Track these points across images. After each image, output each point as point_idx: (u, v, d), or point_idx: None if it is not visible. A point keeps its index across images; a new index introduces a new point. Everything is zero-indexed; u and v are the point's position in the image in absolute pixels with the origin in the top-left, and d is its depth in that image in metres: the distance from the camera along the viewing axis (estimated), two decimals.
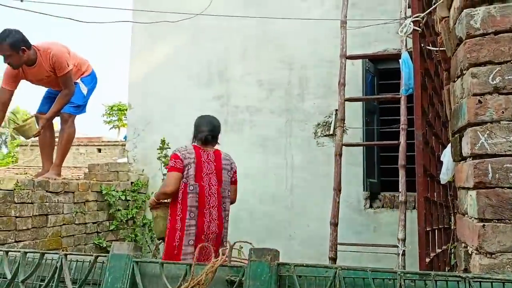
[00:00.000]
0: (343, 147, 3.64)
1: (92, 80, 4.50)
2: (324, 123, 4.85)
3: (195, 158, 3.19)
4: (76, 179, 4.56)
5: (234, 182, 3.39)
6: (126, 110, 6.18)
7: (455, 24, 1.77)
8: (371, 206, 4.64)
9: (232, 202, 3.39)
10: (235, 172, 3.41)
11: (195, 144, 3.32)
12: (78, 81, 4.39)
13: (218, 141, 3.42)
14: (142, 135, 5.54)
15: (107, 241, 4.67)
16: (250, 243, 1.74)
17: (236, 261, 1.73)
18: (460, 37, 1.68)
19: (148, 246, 5.10)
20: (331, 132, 4.75)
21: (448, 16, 1.95)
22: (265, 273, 1.53)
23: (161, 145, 4.58)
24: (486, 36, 1.60)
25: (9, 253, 1.88)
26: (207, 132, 3.32)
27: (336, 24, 3.92)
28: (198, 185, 3.13)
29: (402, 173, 3.35)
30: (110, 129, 26.97)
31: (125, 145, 6.18)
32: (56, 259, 1.78)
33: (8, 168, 14.66)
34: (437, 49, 2.52)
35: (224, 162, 3.32)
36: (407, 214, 3.35)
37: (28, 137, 4.29)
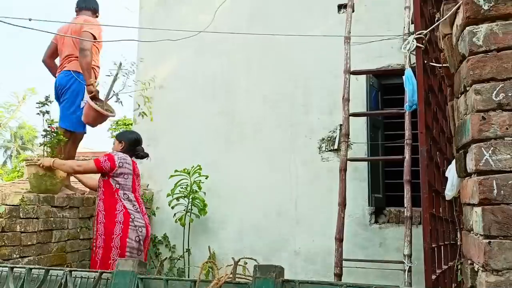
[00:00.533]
0: (348, 162, 3.65)
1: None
2: (329, 138, 4.86)
3: (132, 170, 3.88)
4: (81, 194, 4.56)
5: None
6: (131, 124, 6.22)
7: (458, 41, 1.78)
8: (376, 222, 4.61)
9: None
10: None
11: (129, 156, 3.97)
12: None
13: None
14: (147, 150, 5.54)
15: None
16: (255, 260, 1.73)
17: (241, 278, 1.72)
18: (463, 54, 1.70)
19: (152, 262, 5.08)
20: (335, 147, 4.76)
21: (451, 33, 1.97)
22: None
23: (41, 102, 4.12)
24: (489, 53, 1.61)
25: (14, 269, 1.89)
26: (142, 148, 4.17)
27: (340, 39, 3.95)
28: (134, 196, 3.87)
29: (407, 188, 3.35)
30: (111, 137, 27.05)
31: None
32: (61, 275, 1.79)
33: (13, 183, 14.71)
34: (441, 65, 2.54)
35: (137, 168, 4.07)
36: (413, 229, 3.34)
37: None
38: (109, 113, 4.28)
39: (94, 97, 4.19)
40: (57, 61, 4.55)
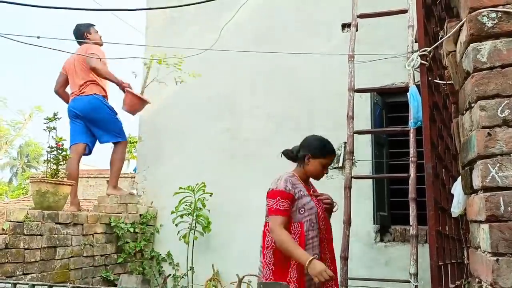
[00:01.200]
0: (353, 179, 3.64)
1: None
2: None
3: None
4: (86, 211, 4.57)
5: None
6: (136, 142, 6.25)
7: (462, 58, 1.79)
8: (381, 240, 4.57)
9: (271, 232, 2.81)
10: (267, 194, 2.83)
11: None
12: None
13: (301, 163, 2.95)
14: (151, 168, 5.57)
15: (114, 274, 4.62)
16: (259, 277, 1.71)
17: None
18: (468, 71, 1.70)
19: (156, 279, 5.04)
20: (340, 165, 4.75)
21: (455, 50, 1.98)
22: None
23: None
24: (493, 70, 1.62)
25: (17, 285, 1.88)
26: (291, 149, 3.06)
27: (344, 58, 3.98)
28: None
29: (412, 206, 3.32)
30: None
31: (134, 177, 6.21)
32: None
33: (18, 200, 14.72)
34: (445, 82, 2.55)
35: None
36: (419, 248, 3.30)
37: None
38: (147, 100, 5.08)
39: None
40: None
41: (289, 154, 2.96)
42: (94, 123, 4.94)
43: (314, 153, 2.81)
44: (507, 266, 1.49)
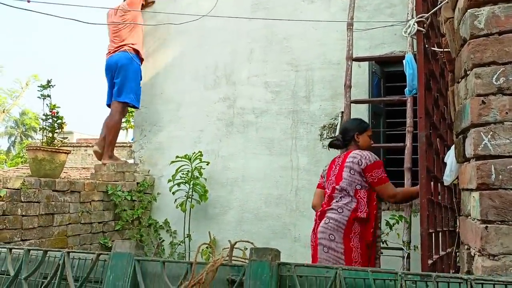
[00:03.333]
0: None
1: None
2: (330, 125, 4.84)
3: (327, 169, 3.16)
4: (83, 179, 4.59)
5: (372, 184, 2.86)
6: (134, 112, 6.22)
7: (459, 24, 1.76)
8: None
9: (388, 198, 2.95)
10: (366, 171, 2.86)
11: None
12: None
13: (353, 142, 3.11)
14: (148, 136, 5.57)
15: (112, 241, 4.69)
16: (252, 243, 1.73)
17: (238, 260, 1.72)
18: (464, 38, 1.68)
19: (153, 246, 5.11)
20: (337, 134, 4.74)
21: (453, 17, 1.94)
22: (266, 272, 1.52)
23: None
24: (490, 37, 1.59)
25: (13, 250, 1.90)
26: (334, 137, 3.34)
27: (343, 26, 3.91)
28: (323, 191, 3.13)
29: (407, 176, 3.33)
30: (122, 129, 27.16)
31: (132, 146, 6.21)
32: (59, 256, 1.80)
33: (17, 168, 14.79)
34: (442, 50, 2.51)
35: (349, 159, 2.94)
36: (412, 217, 3.34)
37: None
38: None
39: None
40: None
41: (337, 143, 3.21)
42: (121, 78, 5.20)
43: (359, 130, 3.14)
44: (496, 233, 1.51)
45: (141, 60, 5.32)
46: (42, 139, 4.14)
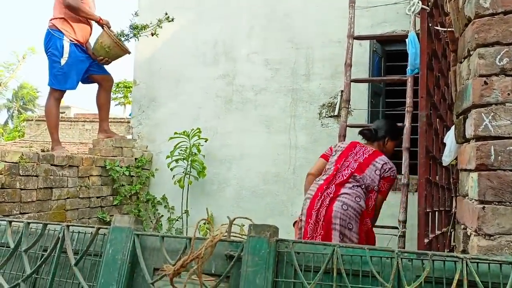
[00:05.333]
0: (348, 128, 3.63)
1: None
2: (329, 104, 4.83)
3: (344, 148, 3.12)
4: (81, 154, 4.59)
5: (379, 190, 2.92)
6: (132, 87, 6.17)
7: (464, 3, 1.74)
8: None
9: (371, 215, 2.92)
10: (384, 179, 2.93)
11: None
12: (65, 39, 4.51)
13: (381, 142, 3.14)
14: (147, 112, 5.54)
15: (110, 216, 4.72)
16: (250, 220, 1.75)
17: (236, 236, 1.74)
18: (469, 17, 1.65)
19: (151, 221, 5.16)
20: (336, 113, 4.73)
21: None
22: (264, 248, 1.54)
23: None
24: (495, 16, 1.57)
25: (13, 223, 1.91)
26: (366, 128, 3.28)
27: (345, 4, 3.86)
28: (333, 167, 3.00)
29: (405, 156, 3.34)
30: (116, 105, 27.08)
31: (130, 122, 6.19)
32: (59, 230, 1.81)
33: (15, 142, 14.78)
34: (445, 29, 2.48)
35: (379, 161, 2.95)
36: (409, 197, 3.36)
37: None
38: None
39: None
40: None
41: (368, 134, 3.20)
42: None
43: (393, 136, 3.16)
44: (492, 213, 1.52)
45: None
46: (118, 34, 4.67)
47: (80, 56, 4.58)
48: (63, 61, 4.49)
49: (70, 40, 4.51)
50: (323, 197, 2.84)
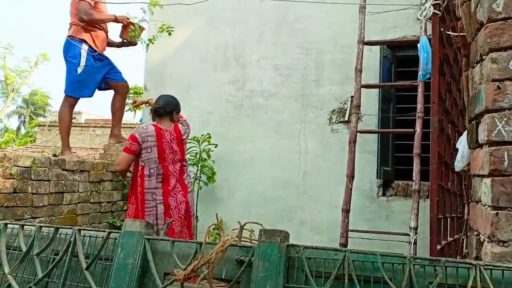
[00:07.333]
0: (358, 134, 3.61)
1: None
2: (340, 110, 4.82)
3: (155, 141, 3.40)
4: (92, 159, 4.62)
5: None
6: (142, 93, 6.21)
7: (476, 8, 1.73)
8: (384, 194, 4.61)
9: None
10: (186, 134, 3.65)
11: (154, 123, 3.54)
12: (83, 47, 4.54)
13: (175, 118, 3.61)
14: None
15: (120, 221, 4.74)
16: (261, 225, 1.74)
17: (246, 241, 1.74)
18: (481, 21, 1.64)
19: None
20: (346, 119, 4.72)
21: (470, 0, 1.90)
22: (275, 254, 1.53)
23: None
24: (508, 21, 1.56)
25: (25, 227, 1.93)
26: (159, 107, 3.57)
27: (355, 9, 3.85)
28: (161, 166, 3.38)
29: (416, 162, 3.31)
30: (126, 111, 27.26)
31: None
32: (70, 234, 1.82)
33: (27, 147, 14.93)
34: (457, 34, 2.47)
35: (182, 132, 3.59)
36: (420, 203, 3.32)
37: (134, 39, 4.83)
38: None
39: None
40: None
41: (160, 112, 3.57)
42: None
43: (178, 110, 3.76)
44: (506, 219, 1.50)
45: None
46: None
47: (97, 66, 4.61)
48: (79, 70, 4.53)
49: (88, 49, 4.56)
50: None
